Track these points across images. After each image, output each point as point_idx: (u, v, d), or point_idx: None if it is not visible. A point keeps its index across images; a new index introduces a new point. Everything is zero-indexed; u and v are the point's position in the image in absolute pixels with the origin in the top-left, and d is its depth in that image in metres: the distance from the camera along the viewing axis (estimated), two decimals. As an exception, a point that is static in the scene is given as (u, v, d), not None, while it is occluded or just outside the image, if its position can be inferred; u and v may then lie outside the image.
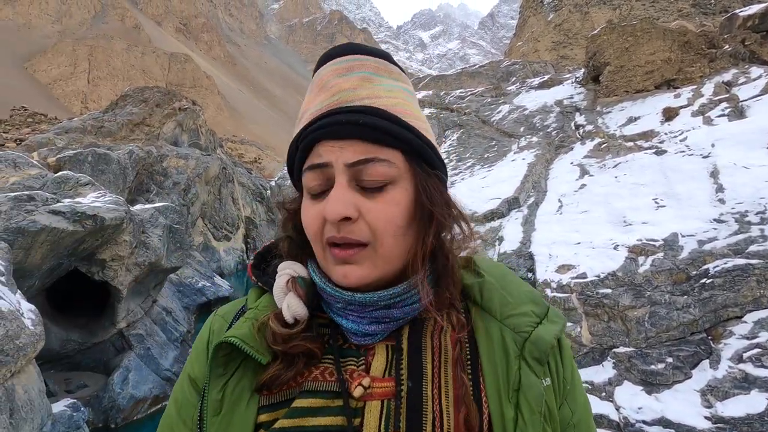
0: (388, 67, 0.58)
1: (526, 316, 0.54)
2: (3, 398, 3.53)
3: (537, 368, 0.51)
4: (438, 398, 0.49)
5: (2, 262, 5.27)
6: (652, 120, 8.62)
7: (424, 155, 0.55)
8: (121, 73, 78.29)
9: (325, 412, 0.50)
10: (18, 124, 26.29)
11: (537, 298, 0.58)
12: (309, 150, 0.54)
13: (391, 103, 0.54)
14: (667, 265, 4.72)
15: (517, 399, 0.48)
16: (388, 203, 0.52)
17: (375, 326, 0.53)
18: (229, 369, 0.54)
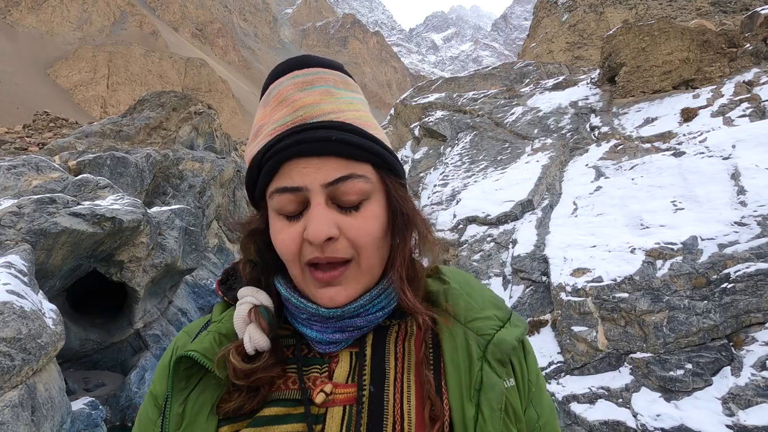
0: (344, 79, 0.57)
1: (489, 319, 0.55)
2: (25, 396, 3.62)
3: (499, 369, 0.52)
4: (399, 402, 0.49)
5: (25, 263, 5.42)
6: (670, 121, 8.45)
7: (391, 166, 0.56)
8: (139, 78, 80.00)
9: (288, 420, 0.50)
10: (40, 129, 27.05)
11: (500, 303, 0.59)
12: (276, 169, 0.51)
13: (354, 116, 0.54)
14: (686, 269, 4.61)
15: (479, 398, 0.49)
16: (367, 218, 0.52)
17: (339, 335, 0.54)
18: (190, 383, 0.54)
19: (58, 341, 4.49)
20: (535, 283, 6.04)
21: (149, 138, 21.93)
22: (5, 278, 4.49)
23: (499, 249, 7.10)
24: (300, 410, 0.50)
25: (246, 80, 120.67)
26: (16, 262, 5.16)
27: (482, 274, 6.80)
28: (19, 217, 6.21)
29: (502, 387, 0.50)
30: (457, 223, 8.00)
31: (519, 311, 5.87)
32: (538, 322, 5.55)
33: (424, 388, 0.50)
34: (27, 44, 79.50)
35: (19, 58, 75.41)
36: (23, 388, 3.66)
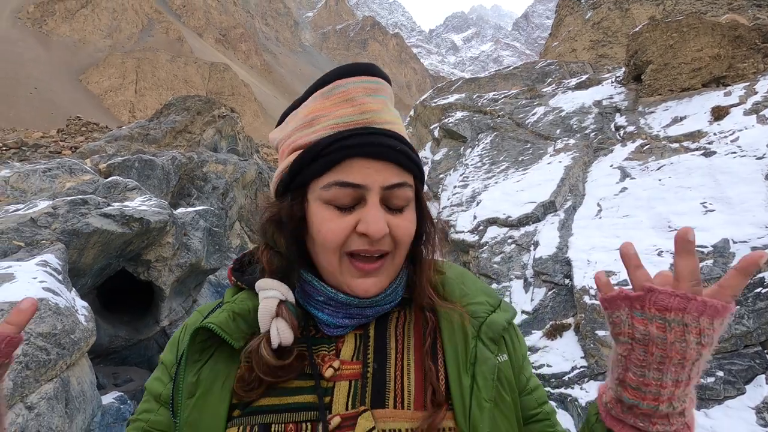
0: (392, 93, 0.63)
1: (482, 304, 0.62)
2: (60, 389, 3.78)
3: (492, 346, 0.58)
4: (400, 378, 0.54)
5: (59, 261, 5.66)
6: (700, 120, 8.18)
7: (423, 179, 0.62)
8: (165, 83, 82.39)
9: (299, 392, 0.54)
10: (73, 133, 28.16)
11: (490, 291, 0.66)
12: (336, 163, 0.54)
13: (403, 131, 0.60)
14: (717, 273, 4.45)
15: (474, 370, 0.55)
16: (408, 221, 0.58)
17: (348, 320, 0.58)
18: (204, 356, 0.57)
19: (90, 337, 4.67)
20: (557, 285, 5.93)
21: (175, 141, 22.57)
22: (41, 276, 4.70)
23: (521, 251, 7.00)
24: (310, 383, 0.55)
25: (267, 84, 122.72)
26: (51, 260, 5.39)
27: (503, 276, 6.72)
28: (54, 218, 6.48)
29: (494, 361, 0.56)
30: (477, 225, 7.94)
31: (541, 314, 5.77)
32: (561, 325, 5.45)
33: (423, 366, 0.55)
34: (61, 52, 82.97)
35: (54, 65, 78.77)
36: (58, 382, 3.82)
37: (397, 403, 0.52)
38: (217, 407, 0.55)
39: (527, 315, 5.89)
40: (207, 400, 0.55)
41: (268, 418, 0.53)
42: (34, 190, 9.68)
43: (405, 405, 0.52)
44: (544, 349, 5.30)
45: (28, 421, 3.22)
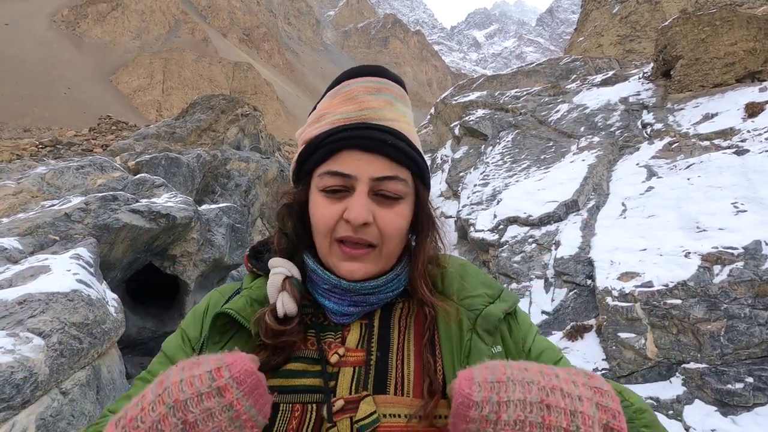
0: (403, 94, 0.65)
1: (479, 297, 0.63)
2: (92, 376, 3.96)
3: (487, 338, 0.60)
4: (401, 367, 0.57)
5: (92, 255, 5.91)
6: (732, 117, 7.87)
7: (424, 177, 0.64)
8: (190, 83, 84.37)
9: (307, 375, 0.58)
10: (104, 132, 29.20)
11: (491, 283, 0.67)
12: (331, 154, 0.59)
13: (406, 128, 0.63)
14: (748, 275, 4.29)
15: (467, 362, 0.57)
16: (398, 214, 0.61)
17: (353, 308, 0.62)
18: (224, 338, 0.62)
19: (120, 328, 4.86)
20: (579, 286, 5.83)
21: (200, 139, 23.12)
22: (75, 268, 4.92)
23: (541, 251, 6.91)
24: (317, 368, 0.59)
25: (290, 82, 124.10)
26: (83, 254, 5.64)
27: (523, 276, 6.65)
28: (86, 213, 6.76)
29: (488, 353, 0.59)
30: (498, 224, 7.86)
31: (561, 315, 5.69)
32: (582, 327, 5.36)
33: (422, 357, 0.58)
34: (93, 53, 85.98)
35: (86, 66, 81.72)
36: (90, 369, 4.00)
37: (397, 390, 0.56)
38: None
39: (547, 315, 5.81)
40: None
41: (277, 398, 0.56)
42: (68, 187, 10.10)
43: (404, 392, 0.55)
44: (564, 351, 5.22)
45: (63, 406, 3.39)
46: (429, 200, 0.66)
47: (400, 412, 0.54)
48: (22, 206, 8.90)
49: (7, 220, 6.90)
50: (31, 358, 3.21)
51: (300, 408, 0.56)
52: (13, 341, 3.27)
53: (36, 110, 64.71)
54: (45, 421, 3.15)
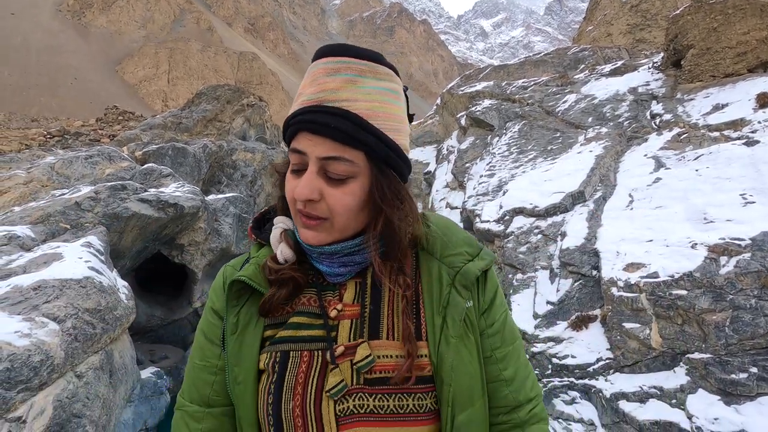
0: (374, 68, 0.66)
1: (460, 255, 0.71)
2: (105, 361, 4.06)
3: (464, 293, 0.69)
4: (391, 317, 0.66)
5: (101, 243, 6.00)
6: (743, 107, 7.77)
7: (383, 157, 0.66)
8: (196, 73, 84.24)
9: (311, 327, 0.68)
10: (111, 122, 29.32)
11: (471, 241, 0.75)
12: (294, 134, 0.67)
13: (366, 106, 0.64)
14: (755, 266, 4.29)
15: (445, 313, 0.66)
16: (346, 193, 0.65)
17: (343, 268, 0.70)
18: (240, 301, 0.72)
19: (131, 314, 4.96)
20: (584, 277, 5.84)
21: (206, 130, 23.16)
22: (86, 256, 5.01)
23: (547, 241, 6.91)
24: (320, 321, 0.68)
25: (295, 72, 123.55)
26: (94, 242, 5.73)
27: (528, 267, 6.67)
28: (96, 202, 6.85)
29: (463, 305, 0.68)
30: (503, 215, 7.87)
31: (566, 305, 5.72)
32: (587, 317, 5.39)
33: (409, 309, 0.67)
34: (98, 43, 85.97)
35: (92, 56, 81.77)
36: (103, 354, 4.10)
37: (388, 335, 0.66)
38: (253, 340, 0.70)
39: (552, 306, 5.84)
40: (245, 335, 0.71)
41: (287, 347, 0.68)
42: (77, 176, 10.21)
43: (395, 337, 0.65)
44: (568, 340, 5.26)
45: (78, 389, 3.49)
46: (389, 179, 0.68)
47: (391, 353, 0.64)
48: (32, 195, 9.02)
49: (18, 208, 7.00)
50: (47, 342, 3.30)
51: (308, 354, 0.66)
52: (29, 325, 3.36)
53: (43, 100, 65.01)
54: (62, 403, 3.25)
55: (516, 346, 0.74)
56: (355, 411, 0.62)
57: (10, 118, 43.16)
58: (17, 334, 3.24)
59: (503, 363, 0.71)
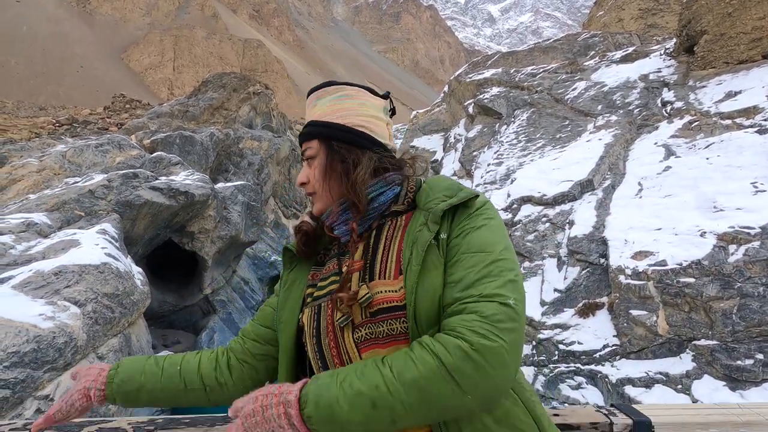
0: (327, 91, 0.94)
1: (436, 200, 0.84)
2: (123, 343, 4.19)
3: (432, 227, 0.80)
4: (385, 262, 0.83)
5: (115, 230, 6.12)
6: (757, 95, 7.67)
7: (328, 135, 0.92)
8: (201, 60, 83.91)
9: (334, 284, 0.87)
10: (118, 110, 29.43)
11: (452, 187, 0.88)
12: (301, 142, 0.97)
13: (318, 113, 0.93)
14: (764, 254, 4.30)
15: (412, 247, 0.79)
16: (313, 168, 0.92)
17: (344, 227, 0.89)
18: (291, 265, 0.98)
19: (146, 299, 5.09)
20: (592, 265, 5.88)
21: (212, 118, 23.19)
22: (103, 243, 5.12)
23: (555, 230, 6.94)
24: (337, 278, 0.87)
25: (300, 60, 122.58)
26: (109, 229, 5.84)
27: (536, 255, 6.71)
28: (109, 190, 6.96)
29: (428, 238, 0.79)
30: (511, 203, 7.88)
31: (573, 293, 5.77)
32: (594, 304, 5.44)
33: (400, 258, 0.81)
34: (103, 31, 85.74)
35: (97, 44, 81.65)
36: (121, 337, 4.23)
37: (380, 276, 0.81)
38: (297, 297, 0.92)
39: (559, 293, 5.89)
40: (291, 291, 0.94)
41: (320, 302, 0.87)
42: (88, 164, 10.33)
43: (386, 277, 0.80)
44: (575, 327, 5.32)
45: (100, 370, 3.62)
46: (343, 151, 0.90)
47: (384, 288, 0.79)
48: (45, 183, 9.16)
49: (34, 196, 7.13)
50: (69, 324, 3.42)
51: (332, 302, 0.84)
52: (53, 309, 3.48)
53: (50, 88, 65.23)
54: (85, 383, 3.38)
55: (476, 254, 0.75)
56: (367, 337, 0.79)
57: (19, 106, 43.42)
58: (41, 317, 3.36)
59: (453, 268, 0.76)
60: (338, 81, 0.96)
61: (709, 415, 1.08)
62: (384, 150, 0.92)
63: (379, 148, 0.91)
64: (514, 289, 0.71)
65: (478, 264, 0.74)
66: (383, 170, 0.90)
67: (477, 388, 0.63)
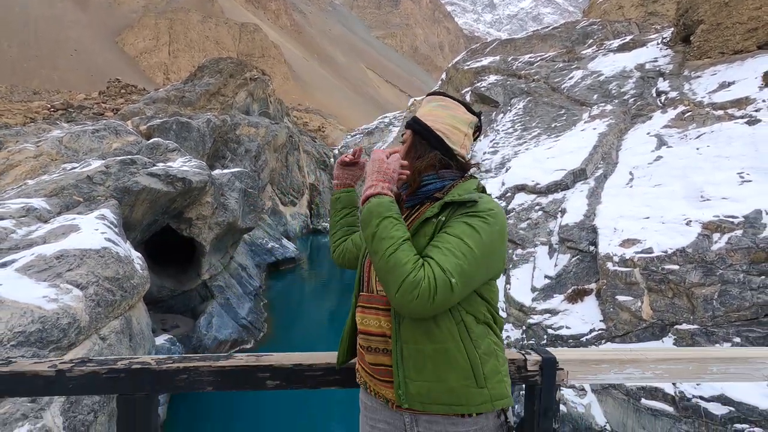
0: (437, 98, 1.28)
1: (452, 195, 1.15)
2: (125, 325, 4.32)
3: (435, 211, 1.12)
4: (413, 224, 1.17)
5: (114, 215, 6.20)
6: (749, 85, 7.74)
7: (418, 131, 1.25)
8: (197, 45, 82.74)
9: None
10: (113, 95, 29.17)
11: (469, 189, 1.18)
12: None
13: (424, 113, 1.27)
14: (746, 243, 4.45)
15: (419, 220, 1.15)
16: (402, 150, 1.25)
17: (408, 199, 1.25)
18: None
19: (146, 283, 5.20)
20: (582, 252, 6.03)
21: (209, 104, 23.03)
22: (102, 228, 5.21)
23: (547, 218, 7.07)
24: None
25: (297, 45, 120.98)
26: (108, 215, 5.93)
27: (528, 243, 6.85)
28: (108, 176, 7.02)
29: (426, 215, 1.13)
30: (505, 191, 7.99)
31: (563, 279, 5.92)
32: (582, 290, 5.60)
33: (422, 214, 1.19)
34: (97, 14, 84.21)
35: (91, 27, 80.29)
36: (122, 320, 4.35)
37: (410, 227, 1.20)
38: None
39: (550, 279, 6.05)
40: None
41: None
42: (85, 150, 10.34)
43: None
44: (564, 312, 5.49)
45: (103, 350, 3.75)
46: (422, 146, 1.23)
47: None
48: (43, 168, 9.19)
49: (32, 181, 7.19)
50: (72, 306, 3.54)
51: None
52: (56, 291, 3.59)
53: (44, 72, 64.34)
54: (89, 362, 3.51)
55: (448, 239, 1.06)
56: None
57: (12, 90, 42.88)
58: (45, 299, 3.47)
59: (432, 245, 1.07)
60: (448, 94, 1.29)
61: (604, 354, 1.35)
62: (451, 153, 1.22)
63: (448, 151, 1.22)
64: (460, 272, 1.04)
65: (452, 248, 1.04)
66: (445, 167, 1.21)
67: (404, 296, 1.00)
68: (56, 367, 1.25)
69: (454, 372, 1.07)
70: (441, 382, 1.07)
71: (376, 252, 1.04)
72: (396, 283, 1.00)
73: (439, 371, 1.07)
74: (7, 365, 1.25)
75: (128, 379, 1.28)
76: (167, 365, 1.31)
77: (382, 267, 1.03)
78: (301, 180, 26.05)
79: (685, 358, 1.40)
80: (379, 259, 1.03)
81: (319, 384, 1.33)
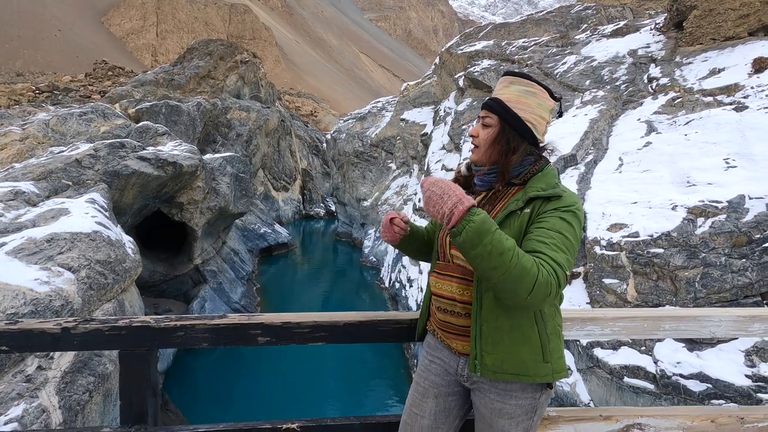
0: (520, 81, 1.30)
1: (535, 189, 1.24)
2: (117, 309, 4.34)
3: (520, 204, 1.23)
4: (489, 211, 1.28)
5: (104, 199, 6.16)
6: (739, 72, 7.81)
7: (508, 120, 1.28)
8: (185, 26, 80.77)
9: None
10: (100, 77, 28.51)
11: (551, 183, 1.25)
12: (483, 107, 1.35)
13: (510, 97, 1.28)
14: (728, 227, 4.56)
15: (504, 210, 1.25)
16: (486, 134, 1.29)
17: (481, 183, 1.34)
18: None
19: (138, 267, 5.21)
20: (570, 237, 6.13)
21: (199, 87, 22.62)
22: (92, 212, 5.19)
23: (538, 203, 7.15)
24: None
25: (288, 26, 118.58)
26: (98, 199, 5.88)
27: (518, 227, 6.94)
28: (96, 159, 6.94)
29: (512, 208, 1.23)
30: (497, 177, 8.05)
31: (552, 263, 6.03)
32: (571, 274, 5.72)
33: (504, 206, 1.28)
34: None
35: (76, 6, 77.89)
36: (115, 303, 4.38)
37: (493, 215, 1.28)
38: None
39: (539, 263, 6.16)
40: None
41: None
42: (72, 133, 10.17)
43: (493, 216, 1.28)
44: (552, 295, 5.61)
45: (96, 332, 3.78)
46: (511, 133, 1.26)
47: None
48: (29, 152, 9.04)
49: (19, 165, 7.08)
50: (65, 289, 3.55)
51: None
52: (47, 274, 3.60)
53: (27, 53, 62.52)
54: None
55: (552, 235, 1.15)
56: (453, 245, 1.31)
57: (-5, 71, 41.66)
58: (37, 282, 3.47)
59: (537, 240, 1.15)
60: (532, 77, 1.30)
61: (568, 313, 1.54)
62: (537, 142, 1.29)
63: (535, 140, 1.28)
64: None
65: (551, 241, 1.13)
66: (527, 155, 1.28)
67: (536, 296, 1.06)
68: (61, 326, 1.32)
69: (526, 346, 1.21)
70: (514, 355, 1.21)
71: (496, 267, 1.05)
72: (527, 289, 1.05)
73: (515, 345, 1.21)
74: (15, 324, 1.34)
75: (129, 335, 1.35)
76: (165, 323, 1.39)
77: (506, 278, 1.05)
78: (294, 165, 25.84)
79: (640, 317, 1.55)
80: (503, 273, 1.05)
81: (306, 340, 1.45)
